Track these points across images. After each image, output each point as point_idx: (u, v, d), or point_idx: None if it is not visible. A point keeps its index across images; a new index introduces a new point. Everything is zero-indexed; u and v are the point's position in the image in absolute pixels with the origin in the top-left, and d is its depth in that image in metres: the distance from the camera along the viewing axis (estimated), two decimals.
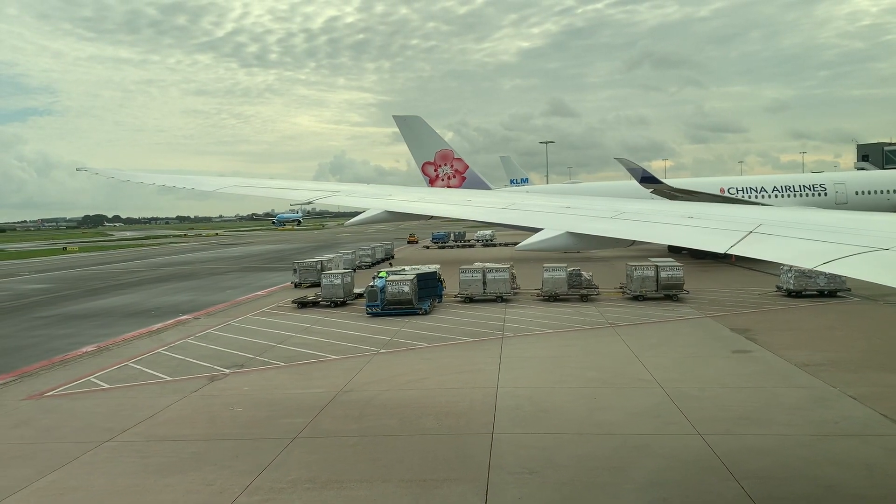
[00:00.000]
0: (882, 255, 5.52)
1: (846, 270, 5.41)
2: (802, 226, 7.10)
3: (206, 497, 11.73)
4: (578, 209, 9.61)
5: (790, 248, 6.41)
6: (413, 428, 15.05)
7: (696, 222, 7.82)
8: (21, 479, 12.80)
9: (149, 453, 14.09)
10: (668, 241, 7.86)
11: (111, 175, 14.85)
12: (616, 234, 7.90)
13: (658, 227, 8.12)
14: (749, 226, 6.96)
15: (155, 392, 19.06)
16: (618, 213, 8.60)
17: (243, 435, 15.05)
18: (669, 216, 8.58)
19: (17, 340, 28.38)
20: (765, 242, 6.49)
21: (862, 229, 6.69)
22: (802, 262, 5.98)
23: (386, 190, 13.15)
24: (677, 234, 7.92)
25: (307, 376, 20.38)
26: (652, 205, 9.88)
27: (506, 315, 29.62)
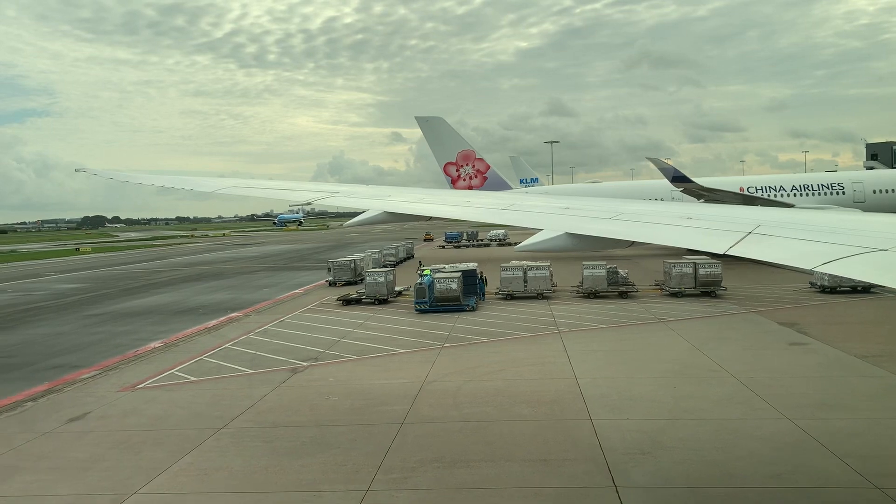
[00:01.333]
0: (881, 256, 5.50)
1: (846, 271, 5.40)
2: (802, 226, 7.09)
3: (344, 475, 12.60)
4: (577, 210, 9.63)
5: (790, 248, 6.37)
6: (511, 415, 15.91)
7: (695, 223, 7.84)
8: (159, 461, 13.65)
9: (270, 438, 14.94)
10: (667, 242, 7.68)
11: (110, 176, 14.93)
12: (615, 235, 7.90)
13: (657, 228, 8.12)
14: (748, 226, 6.94)
15: (244, 383, 19.90)
16: (617, 214, 8.62)
17: (352, 421, 15.90)
18: (668, 217, 8.56)
19: (82, 337, 29.20)
20: (764, 243, 6.48)
21: (861, 230, 6.66)
22: (802, 263, 5.90)
23: (385, 191, 13.04)
24: (676, 234, 7.76)
25: (384, 368, 21.22)
26: (651, 205, 9.99)
27: (552, 311, 30.48)
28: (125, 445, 14.87)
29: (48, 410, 17.92)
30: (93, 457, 14.20)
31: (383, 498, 11.50)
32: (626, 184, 67.01)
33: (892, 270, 5.21)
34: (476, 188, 64.98)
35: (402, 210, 10.63)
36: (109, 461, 13.89)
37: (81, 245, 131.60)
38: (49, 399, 19.02)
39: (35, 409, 18.13)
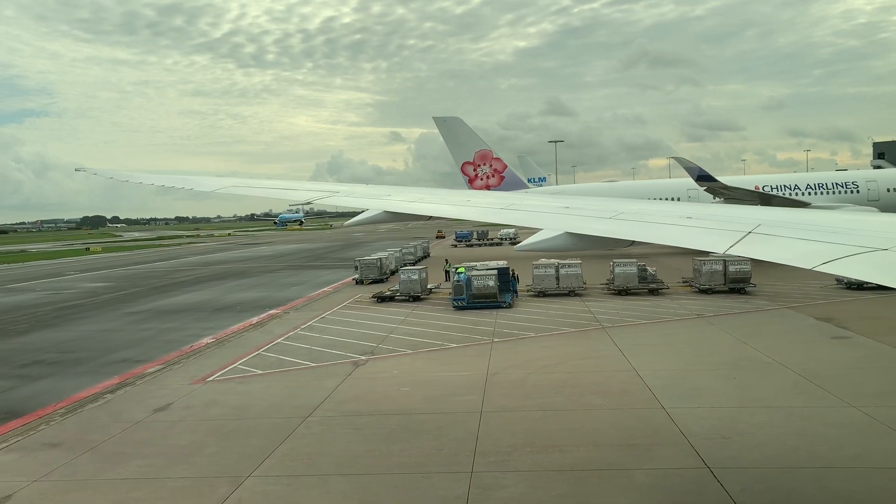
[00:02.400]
0: (881, 256, 5.53)
1: (846, 271, 5.43)
2: (802, 226, 7.10)
3: (445, 458, 13.33)
4: (577, 209, 9.64)
5: (790, 248, 6.41)
6: (584, 404, 16.65)
7: (696, 222, 7.85)
8: (260, 448, 14.37)
9: (359, 426, 15.67)
10: (668, 242, 7.66)
11: (110, 175, 14.89)
12: (615, 235, 7.88)
13: (657, 228, 8.10)
14: (748, 226, 6.93)
15: (311, 376, 20.62)
16: (617, 214, 8.59)
17: (432, 410, 16.63)
18: (668, 216, 8.54)
19: (132, 334, 29.90)
20: (764, 243, 6.50)
21: (861, 230, 6.66)
22: (802, 263, 5.93)
23: (385, 190, 13.05)
24: (676, 234, 7.75)
25: (443, 362, 21.94)
26: (651, 205, 10.03)
27: (589, 308, 31.22)
28: (220, 433, 15.56)
29: (130, 401, 18.62)
30: (193, 443, 14.90)
31: (489, 479, 12.21)
32: (643, 183, 67.77)
33: (893, 270, 5.23)
34: (493, 187, 65.76)
35: (403, 210, 10.58)
36: (211, 447, 14.59)
37: (90, 245, 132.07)
38: (126, 391, 19.71)
39: (117, 400, 18.83)
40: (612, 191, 63.66)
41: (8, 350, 26.85)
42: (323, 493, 11.94)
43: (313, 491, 12.09)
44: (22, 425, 16.74)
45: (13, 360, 24.87)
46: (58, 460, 14.11)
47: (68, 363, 24.10)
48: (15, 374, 22.76)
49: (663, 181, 66.80)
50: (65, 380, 21.55)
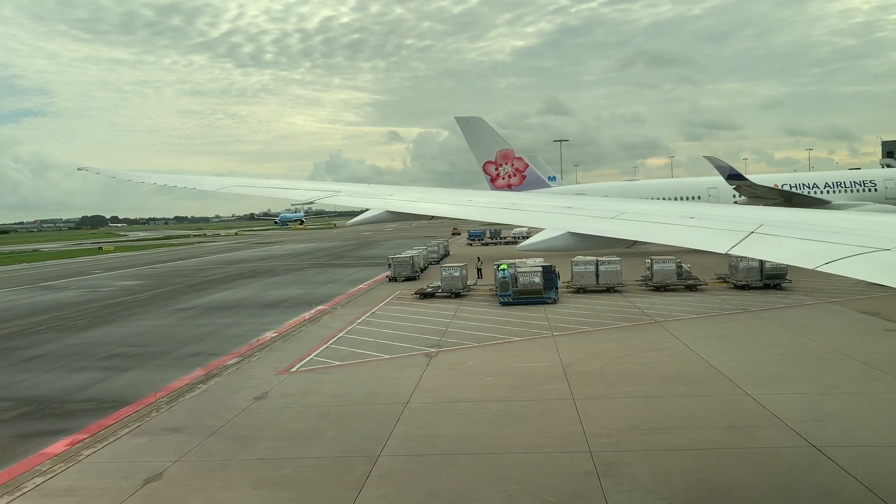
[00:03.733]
0: (882, 256, 5.53)
1: (847, 271, 5.40)
2: (804, 226, 7.12)
3: (558, 440, 14.21)
4: (579, 209, 9.66)
5: (791, 248, 6.43)
6: (670, 392, 17.54)
7: (697, 222, 7.87)
8: (376, 431, 15.23)
9: (462, 411, 16.55)
10: (669, 242, 7.69)
11: (112, 175, 14.99)
12: (616, 235, 7.88)
13: (659, 228, 8.11)
14: (750, 226, 6.95)
15: (391, 366, 21.50)
16: (618, 214, 8.59)
17: (525, 397, 17.50)
18: (670, 216, 8.55)
19: (192, 329, 30.73)
20: (766, 243, 6.52)
21: (863, 230, 6.69)
22: (804, 263, 5.93)
23: (387, 190, 12.95)
24: (678, 234, 7.78)
25: (512, 354, 22.82)
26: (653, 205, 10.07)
27: (634, 303, 32.13)
28: (330, 419, 16.43)
29: (226, 391, 19.47)
30: (310, 428, 15.77)
31: (609, 458, 13.09)
32: (663, 182, 68.64)
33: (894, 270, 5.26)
34: (515, 186, 66.64)
35: (405, 209, 10.59)
36: (330, 431, 15.46)
37: (102, 245, 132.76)
38: (216, 382, 20.55)
39: (212, 390, 19.67)
40: (633, 189, 64.61)
41: (80, 345, 27.66)
42: (459, 471, 12.81)
43: (448, 468, 12.95)
44: (134, 412, 17.57)
45: (91, 354, 25.69)
46: (188, 443, 14.94)
47: (145, 356, 24.92)
48: (100, 366, 23.58)
49: (684, 180, 67.73)
50: (150, 372, 22.37)
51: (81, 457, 14.37)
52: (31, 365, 23.99)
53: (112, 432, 15.92)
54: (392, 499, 11.71)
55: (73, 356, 25.20)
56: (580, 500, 11.28)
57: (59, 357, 25.10)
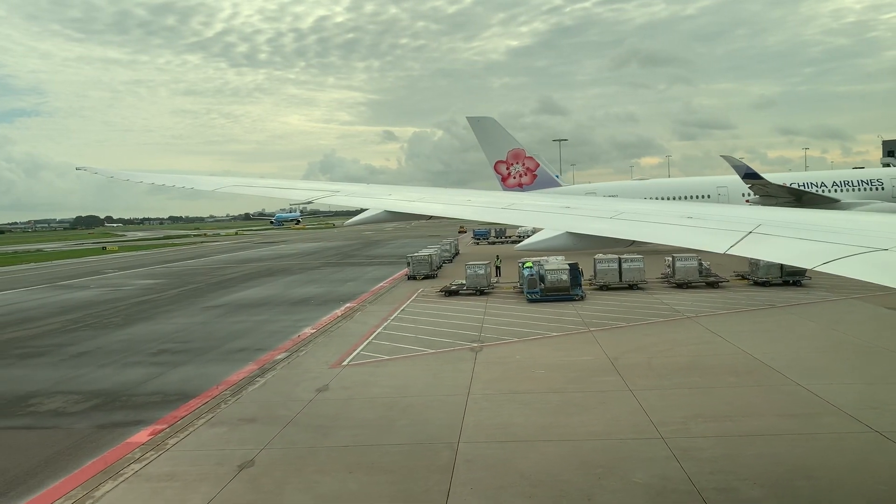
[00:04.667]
0: (881, 256, 5.55)
1: (846, 271, 5.40)
2: (802, 226, 7.13)
3: (629, 427, 14.82)
4: (578, 209, 9.67)
5: (790, 248, 6.45)
6: (721, 382, 18.18)
7: (696, 222, 7.89)
8: (447, 421, 15.81)
9: (524, 401, 17.15)
10: (668, 242, 7.72)
11: (111, 175, 15.03)
12: (615, 234, 7.91)
13: (657, 227, 8.12)
14: (748, 226, 6.97)
15: (440, 360, 22.08)
16: (617, 214, 8.60)
17: (581, 389, 18.11)
18: (668, 216, 8.55)
19: (229, 326, 31.26)
20: (764, 243, 6.54)
21: (862, 230, 6.71)
22: (803, 263, 6.01)
23: (385, 190, 12.91)
24: (676, 234, 7.85)
25: (555, 348, 23.42)
26: (651, 205, 10.10)
27: (661, 300, 32.80)
28: (398, 408, 17.03)
29: (285, 383, 20.02)
30: (382, 417, 16.37)
31: (683, 443, 13.70)
32: (674, 181, 69.41)
33: (893, 270, 5.29)
34: (526, 185, 67.28)
35: (403, 209, 10.58)
36: (402, 420, 16.05)
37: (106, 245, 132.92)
38: (273, 375, 21.10)
39: (272, 382, 20.22)
40: (643, 189, 65.33)
41: (124, 341, 28.15)
42: (541, 456, 13.41)
43: (530, 454, 13.56)
44: (202, 404, 18.11)
45: (138, 350, 26.20)
46: (268, 432, 15.50)
47: (193, 352, 25.44)
48: (151, 361, 24.10)
49: (694, 179, 68.53)
50: (203, 366, 22.90)
51: (168, 445, 14.89)
52: (82, 361, 24.47)
53: (189, 423, 16.45)
54: (485, 481, 12.29)
55: (120, 352, 25.68)
56: (667, 482, 11.88)
57: (108, 353, 25.58)
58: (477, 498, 11.60)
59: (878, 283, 5.11)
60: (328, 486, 12.44)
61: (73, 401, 19.10)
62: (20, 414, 18.10)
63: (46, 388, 20.47)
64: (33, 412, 18.23)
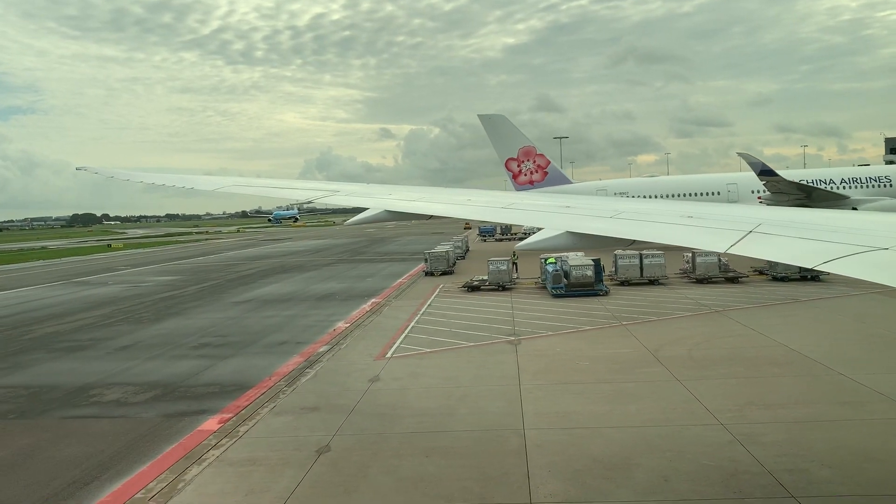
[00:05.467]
0: (881, 255, 5.56)
1: (846, 270, 5.42)
2: (802, 225, 7.14)
3: (687, 414, 15.35)
4: (578, 209, 9.71)
5: (790, 247, 6.47)
6: (764, 372, 18.72)
7: (696, 222, 7.93)
8: (506, 409, 16.33)
9: (577, 391, 17.67)
10: (668, 241, 7.75)
11: (111, 174, 15.08)
12: (615, 234, 7.91)
13: (657, 227, 8.13)
14: (749, 225, 7.00)
15: (483, 352, 22.60)
16: (617, 213, 8.65)
17: (631, 379, 18.64)
18: (669, 216, 8.54)
19: (262, 321, 31.73)
20: (765, 242, 6.57)
21: (862, 229, 6.71)
22: (803, 262, 6.05)
23: (385, 189, 12.94)
24: (677, 233, 7.87)
25: (591, 341, 23.94)
26: (651, 204, 10.19)
27: (686, 295, 33.38)
28: (456, 398, 17.51)
29: (337, 375, 20.51)
30: (441, 406, 16.86)
31: (743, 429, 14.23)
32: (683, 178, 69.90)
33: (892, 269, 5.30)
34: (537, 182, 67.78)
35: (404, 209, 10.61)
36: (462, 409, 16.55)
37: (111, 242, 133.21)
38: (322, 367, 21.57)
39: (322, 373, 20.70)
40: (654, 186, 65.87)
41: (163, 335, 28.61)
42: (608, 441, 13.94)
43: (597, 439, 14.09)
44: (260, 395, 18.60)
45: (180, 343, 26.67)
46: (334, 420, 16.01)
47: (234, 345, 25.92)
48: (196, 354, 24.58)
49: (704, 176, 69.12)
50: (250, 359, 23.39)
51: (240, 433, 15.38)
52: (128, 354, 24.93)
53: (254, 412, 16.95)
54: (560, 464, 12.82)
55: (162, 346, 26.14)
56: (737, 464, 12.42)
57: (150, 347, 26.03)
58: (556, 479, 12.12)
59: (878, 282, 5.13)
60: (409, 469, 12.94)
61: (132, 392, 19.57)
62: (85, 404, 18.56)
63: (102, 380, 20.93)
64: (97, 402, 18.70)
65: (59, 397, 19.22)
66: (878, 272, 5.27)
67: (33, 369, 22.93)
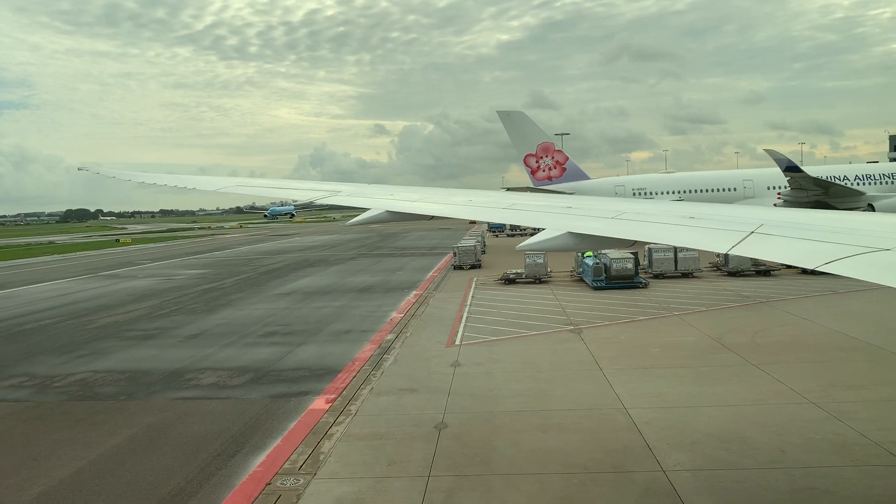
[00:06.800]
0: (883, 256, 5.56)
1: (847, 271, 5.41)
2: (804, 226, 7.15)
3: (774, 392, 16.25)
4: (579, 209, 9.73)
5: (792, 248, 6.47)
6: (835, 357, 19.62)
7: (698, 223, 7.91)
8: (598, 391, 17.17)
9: (660, 375, 18.51)
10: (670, 242, 7.89)
11: (113, 174, 15.13)
12: (616, 235, 7.92)
13: (659, 228, 8.16)
14: (750, 226, 7.01)
15: (551, 340, 23.42)
16: (618, 214, 8.66)
17: (708, 364, 19.49)
18: (670, 216, 8.55)
19: (315, 311, 32.51)
20: (766, 243, 6.59)
21: (863, 230, 6.71)
22: (804, 263, 6.02)
23: (387, 190, 12.96)
24: (678, 234, 7.98)
25: (652, 330, 24.79)
26: (653, 205, 10.21)
27: (724, 287, 34.31)
28: (544, 381, 18.34)
29: (417, 360, 21.28)
30: (534, 388, 17.68)
31: (837, 407, 15.09)
32: (699, 174, 70.80)
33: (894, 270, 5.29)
34: (555, 178, 68.69)
35: (405, 210, 10.63)
36: (557, 390, 17.37)
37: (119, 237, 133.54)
38: (398, 353, 22.32)
39: (402, 360, 21.42)
40: (671, 182, 66.80)
41: (225, 325, 29.35)
42: (711, 419, 14.79)
43: (701, 417, 14.94)
44: (352, 378, 19.39)
45: (245, 332, 27.41)
46: (437, 400, 16.81)
47: (300, 334, 26.70)
48: (269, 342, 25.36)
49: (720, 173, 70.19)
50: (323, 346, 24.18)
51: (352, 411, 16.18)
52: (200, 342, 25.66)
53: (353, 393, 17.75)
54: (674, 438, 13.67)
55: (230, 335, 26.87)
56: (843, 437, 13.29)
57: (219, 336, 26.76)
58: (677, 451, 12.98)
59: (881, 283, 5.14)
60: (531, 443, 13.78)
61: (225, 376, 20.33)
62: (186, 387, 19.31)
63: (189, 366, 21.67)
64: (197, 385, 19.46)
65: (156, 381, 19.97)
66: (880, 273, 5.28)
67: (115, 356, 23.65)
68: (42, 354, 24.37)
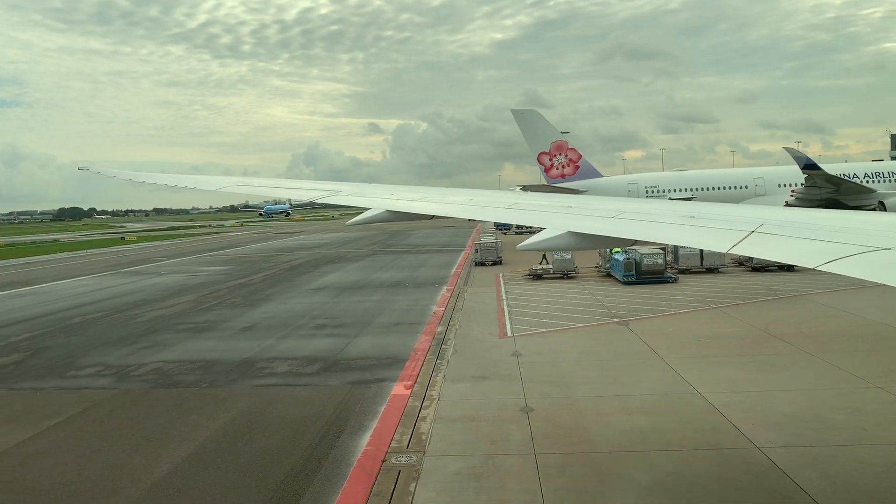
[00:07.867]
0: (883, 255, 5.57)
1: (848, 270, 5.41)
2: (805, 225, 7.18)
3: (838, 380, 17.01)
4: (580, 209, 9.77)
5: (792, 248, 6.49)
6: (885, 346, 20.41)
7: (698, 222, 7.96)
8: (667, 376, 17.90)
9: (722, 363, 19.26)
10: (670, 242, 8.00)
11: (113, 174, 15.18)
12: (617, 234, 7.98)
13: (659, 227, 8.18)
14: (751, 226, 7.05)
15: (596, 332, 24.13)
16: (619, 213, 8.70)
17: (762, 352, 20.22)
18: (671, 216, 8.59)
19: (356, 305, 33.12)
20: (767, 242, 6.61)
21: (864, 229, 6.70)
22: (805, 262, 6.00)
23: (387, 189, 12.95)
24: (678, 234, 8.03)
25: (696, 322, 25.53)
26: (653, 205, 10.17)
27: (753, 281, 35.10)
28: (609, 368, 19.07)
29: (477, 350, 21.92)
30: (602, 376, 18.40)
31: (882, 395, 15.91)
32: (711, 172, 71.83)
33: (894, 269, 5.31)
34: (568, 176, 69.50)
35: (406, 209, 10.64)
36: (627, 377, 18.07)
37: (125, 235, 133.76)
38: (455, 344, 22.95)
39: (462, 350, 22.04)
40: (683, 179, 67.76)
41: (274, 318, 29.95)
42: (788, 402, 15.53)
43: (775, 400, 15.67)
44: (420, 366, 20.05)
45: (297, 325, 28.04)
46: (513, 387, 17.48)
47: (352, 326, 27.34)
48: (324, 334, 26.01)
49: (731, 170, 71.34)
50: (378, 338, 24.82)
51: (434, 397, 16.85)
52: (256, 334, 26.27)
53: (428, 380, 18.41)
54: (756, 418, 14.37)
55: (282, 327, 27.49)
56: None
57: (272, 328, 27.37)
58: (764, 430, 13.69)
59: (881, 282, 5.15)
60: (621, 424, 14.49)
61: (297, 365, 20.97)
62: (262, 375, 19.94)
63: (256, 356, 22.29)
64: (272, 374, 20.09)
65: (229, 370, 20.58)
66: (880, 272, 5.28)
67: (178, 347, 24.25)
68: (105, 346, 24.94)
